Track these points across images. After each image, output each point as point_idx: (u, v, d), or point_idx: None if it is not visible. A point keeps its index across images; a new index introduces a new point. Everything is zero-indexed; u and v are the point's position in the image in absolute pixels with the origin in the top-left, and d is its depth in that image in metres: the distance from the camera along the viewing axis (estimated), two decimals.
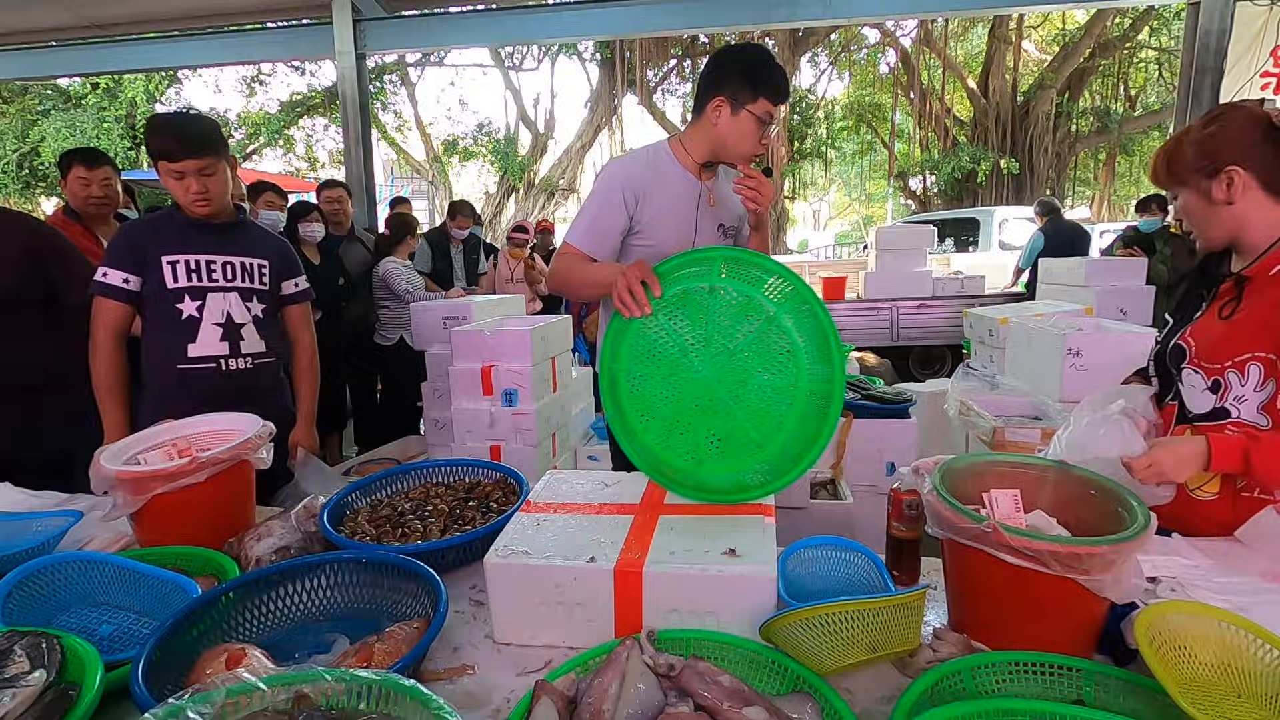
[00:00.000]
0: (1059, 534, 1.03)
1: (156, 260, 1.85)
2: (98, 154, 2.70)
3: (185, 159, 1.80)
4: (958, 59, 16.75)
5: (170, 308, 1.86)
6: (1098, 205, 18.18)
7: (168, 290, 1.85)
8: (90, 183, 2.62)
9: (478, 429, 3.23)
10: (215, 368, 1.91)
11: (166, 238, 1.87)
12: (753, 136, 1.62)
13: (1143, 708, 0.83)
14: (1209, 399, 1.22)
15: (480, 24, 6.48)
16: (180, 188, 1.83)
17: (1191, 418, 1.25)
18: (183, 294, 1.87)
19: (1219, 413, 1.21)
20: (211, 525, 1.36)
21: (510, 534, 1.15)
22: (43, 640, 0.87)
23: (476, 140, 19.61)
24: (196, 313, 1.88)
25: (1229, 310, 1.22)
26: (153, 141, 1.82)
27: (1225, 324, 1.22)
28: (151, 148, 1.83)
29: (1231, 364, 1.19)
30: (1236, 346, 1.19)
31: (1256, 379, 1.16)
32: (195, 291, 1.88)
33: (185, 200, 1.85)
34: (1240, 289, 1.21)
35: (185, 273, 1.87)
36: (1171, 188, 1.28)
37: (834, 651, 0.89)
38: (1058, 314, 3.40)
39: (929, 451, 2.22)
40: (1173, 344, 1.30)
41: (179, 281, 1.86)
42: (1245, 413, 1.18)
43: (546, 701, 0.82)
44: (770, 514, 1.18)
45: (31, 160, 16.06)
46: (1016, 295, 6.34)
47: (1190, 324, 1.29)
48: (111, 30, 6.89)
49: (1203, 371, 1.23)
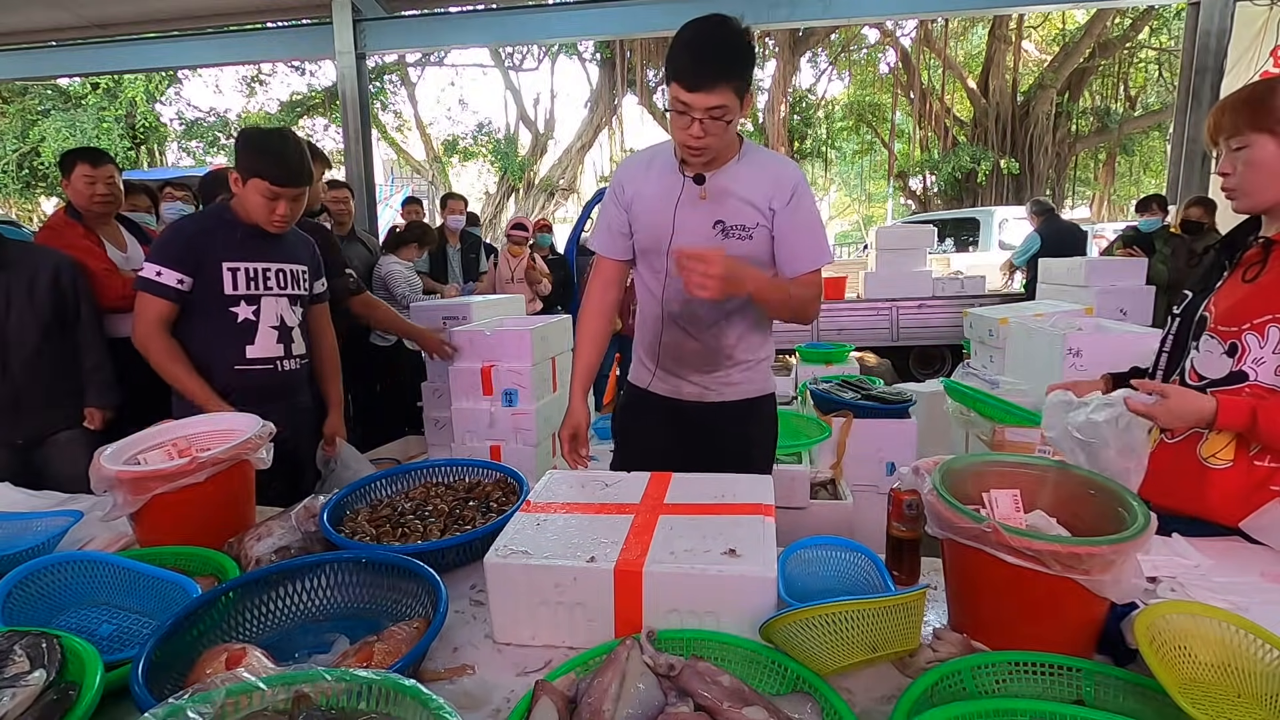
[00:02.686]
0: (1059, 534, 1.02)
1: (216, 266, 1.88)
2: (101, 153, 2.71)
3: (286, 187, 1.87)
4: (958, 59, 16.75)
5: (225, 311, 1.90)
6: (1098, 205, 18.19)
7: (224, 295, 1.89)
8: (95, 180, 2.61)
9: (478, 429, 3.23)
10: (271, 369, 1.99)
11: (228, 244, 1.90)
12: (678, 126, 1.45)
13: (1143, 708, 0.83)
14: (1226, 363, 1.20)
15: (480, 24, 6.49)
16: (266, 208, 1.87)
17: (1207, 383, 1.23)
18: (239, 299, 1.91)
19: (1236, 376, 1.19)
20: (211, 525, 1.36)
21: (510, 534, 1.14)
22: (43, 640, 0.87)
23: (476, 140, 19.61)
24: (253, 316, 1.94)
25: (1254, 274, 1.21)
26: (258, 161, 1.83)
27: (1248, 287, 1.21)
28: (251, 165, 1.84)
29: (1250, 326, 1.17)
30: (1258, 309, 1.17)
31: (1276, 340, 1.15)
32: (250, 298, 1.93)
33: (265, 218, 1.89)
34: (1267, 254, 1.20)
35: (245, 280, 1.92)
36: (1242, 134, 1.19)
37: (834, 651, 0.89)
38: (1058, 314, 3.40)
39: (929, 451, 2.22)
40: (1198, 315, 1.28)
41: (237, 289, 1.91)
42: (1263, 375, 1.17)
43: (546, 701, 0.82)
44: (770, 514, 1.18)
45: (31, 160, 16.07)
46: (1015, 295, 6.34)
47: (1212, 294, 1.27)
48: (111, 30, 6.89)
49: (1219, 336, 1.22)
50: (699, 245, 1.53)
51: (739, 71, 1.41)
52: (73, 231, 2.58)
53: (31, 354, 2.19)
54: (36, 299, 2.19)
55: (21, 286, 2.18)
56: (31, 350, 2.19)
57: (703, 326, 1.67)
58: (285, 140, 1.89)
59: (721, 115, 1.40)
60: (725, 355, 1.69)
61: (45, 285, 2.22)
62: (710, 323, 1.66)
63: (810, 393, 2.89)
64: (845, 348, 3.85)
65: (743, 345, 1.69)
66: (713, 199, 1.56)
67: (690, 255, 1.33)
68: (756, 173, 1.56)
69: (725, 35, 1.40)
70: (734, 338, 1.68)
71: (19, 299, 2.17)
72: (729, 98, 1.39)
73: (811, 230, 1.60)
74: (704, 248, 1.38)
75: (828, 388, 2.84)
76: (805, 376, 3.37)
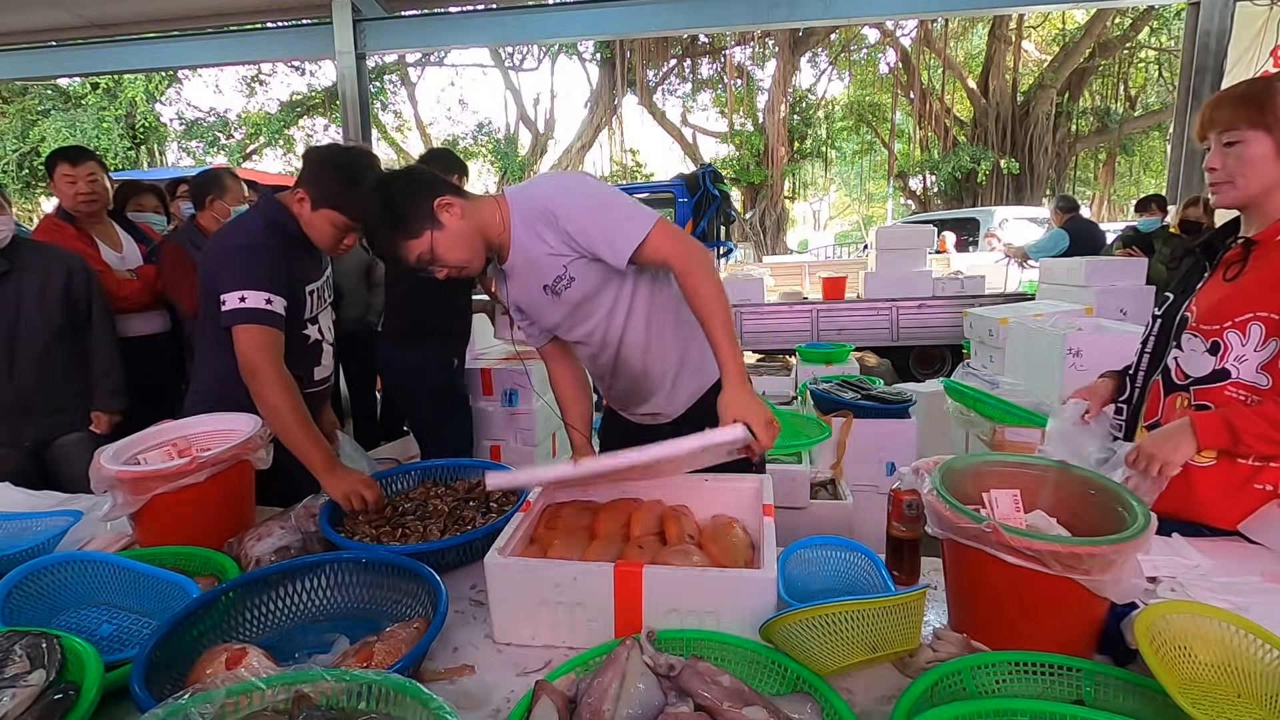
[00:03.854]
0: (1059, 534, 1.02)
1: (301, 288, 1.72)
2: (82, 150, 2.67)
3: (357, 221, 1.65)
4: (958, 59, 16.76)
5: (300, 334, 1.75)
6: (1098, 205, 18.19)
7: (304, 319, 1.75)
8: (76, 179, 2.57)
9: (478, 429, 3.23)
10: (327, 386, 1.91)
11: (305, 265, 1.74)
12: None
13: (1143, 708, 0.83)
14: (1209, 361, 1.22)
15: (480, 24, 6.49)
16: (335, 238, 1.69)
17: (1190, 382, 1.25)
18: (307, 321, 1.77)
19: (1219, 374, 1.21)
20: (211, 525, 1.36)
21: (510, 534, 1.15)
22: (43, 640, 0.87)
23: (476, 140, 19.63)
24: (318, 335, 1.82)
25: (1234, 273, 1.22)
26: (342, 196, 1.62)
27: (1229, 285, 1.22)
28: (330, 196, 1.63)
29: (1232, 324, 1.19)
30: (1238, 307, 1.19)
31: (1258, 338, 1.16)
32: (313, 318, 1.80)
33: (330, 246, 1.72)
34: (1248, 253, 1.21)
35: (316, 300, 1.79)
36: (1238, 129, 1.19)
37: (834, 651, 0.89)
38: (1058, 314, 3.40)
39: (929, 451, 2.22)
40: (1179, 315, 1.29)
41: (311, 310, 1.77)
42: (1245, 373, 1.18)
43: (546, 701, 0.82)
44: (770, 514, 1.18)
45: (31, 160, 16.08)
46: (1018, 295, 6.33)
47: (1194, 295, 1.29)
48: (111, 30, 6.89)
49: (1201, 335, 1.23)
50: (553, 315, 1.49)
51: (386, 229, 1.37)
52: (65, 233, 2.57)
53: (41, 355, 2.18)
54: (48, 300, 2.18)
55: (34, 288, 2.16)
56: (41, 351, 2.17)
57: (618, 379, 1.58)
58: (369, 174, 1.61)
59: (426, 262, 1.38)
60: (650, 383, 1.57)
61: (58, 287, 2.20)
62: (621, 374, 1.57)
63: (810, 393, 2.89)
64: (845, 348, 3.85)
65: (656, 364, 1.55)
66: (523, 278, 1.47)
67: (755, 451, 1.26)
68: (526, 232, 1.41)
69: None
70: (640, 366, 1.55)
71: (30, 300, 2.15)
72: (417, 247, 1.36)
73: (600, 226, 1.36)
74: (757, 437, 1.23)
75: (828, 388, 2.84)
76: (805, 376, 3.37)
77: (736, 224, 10.21)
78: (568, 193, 1.39)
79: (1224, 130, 1.21)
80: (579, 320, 1.49)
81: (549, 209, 1.37)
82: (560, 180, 1.45)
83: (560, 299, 1.44)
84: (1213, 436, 1.15)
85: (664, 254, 1.35)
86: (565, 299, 1.44)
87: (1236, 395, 1.19)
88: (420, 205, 1.34)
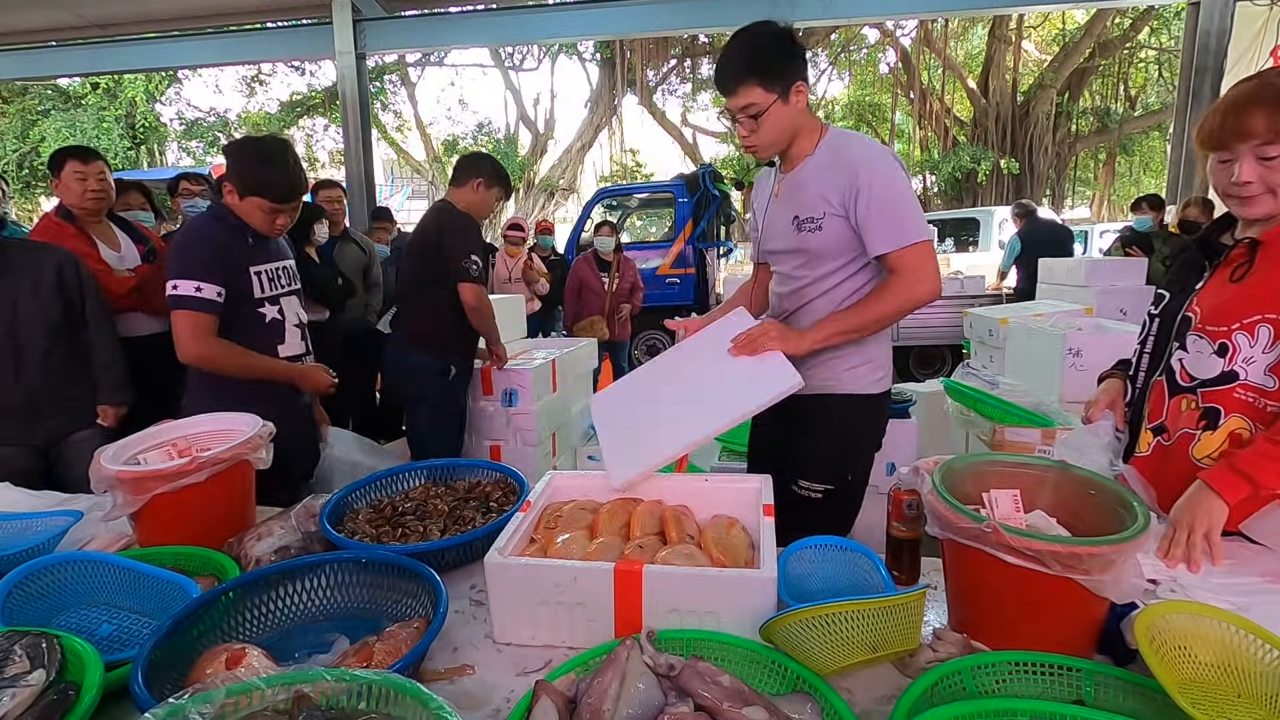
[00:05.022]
0: (1059, 534, 1.02)
1: (244, 271, 1.90)
2: (91, 150, 2.69)
3: (288, 203, 1.91)
4: (958, 59, 16.76)
5: (255, 313, 1.93)
6: (1098, 205, 18.20)
7: (254, 299, 1.92)
8: (87, 177, 2.58)
9: (478, 429, 3.23)
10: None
11: (252, 250, 1.92)
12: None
13: (1143, 708, 0.83)
14: (1216, 363, 1.21)
15: (480, 24, 6.49)
16: (267, 220, 1.90)
17: (1197, 384, 1.24)
18: (263, 301, 1.94)
19: (1227, 376, 1.19)
20: (211, 525, 1.36)
21: (510, 534, 1.15)
22: (43, 640, 0.87)
23: (476, 140, 19.64)
24: (279, 315, 1.98)
25: (1240, 274, 1.21)
26: (256, 182, 1.85)
27: (1235, 286, 1.21)
28: (248, 184, 1.85)
29: (1240, 326, 1.18)
30: (1246, 309, 1.18)
31: (1266, 340, 1.15)
32: (272, 299, 1.97)
33: (266, 229, 1.92)
34: (1253, 253, 1.20)
35: (267, 282, 1.95)
36: (1253, 138, 1.11)
37: (834, 651, 0.89)
38: (1058, 314, 3.41)
39: (929, 451, 2.22)
40: (1181, 315, 1.28)
41: (264, 291, 1.94)
42: (1253, 374, 1.17)
43: (546, 701, 0.82)
44: (770, 514, 1.18)
45: (31, 160, 16.09)
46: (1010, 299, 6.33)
47: (1194, 294, 1.28)
48: (111, 30, 6.90)
49: (1208, 336, 1.22)
50: (780, 241, 1.64)
51: (759, 70, 1.47)
52: (65, 232, 2.57)
53: (42, 355, 2.17)
54: (42, 299, 2.17)
55: (26, 288, 2.15)
56: (42, 351, 2.17)
57: (782, 319, 1.68)
58: (282, 156, 1.89)
59: (755, 112, 1.49)
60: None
61: (50, 284, 2.19)
62: (788, 312, 1.69)
63: None
64: None
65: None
66: (788, 195, 1.61)
67: (740, 344, 1.47)
68: (828, 164, 1.53)
69: (743, 39, 1.51)
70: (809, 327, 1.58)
71: (25, 300, 2.14)
72: (756, 95, 1.47)
73: (885, 213, 1.47)
74: (749, 329, 1.50)
75: None
76: None
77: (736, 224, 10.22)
78: (882, 163, 1.49)
79: (1265, 143, 1.10)
80: (797, 261, 1.61)
81: (855, 164, 1.49)
82: (881, 152, 1.54)
83: (798, 235, 1.57)
84: (1234, 490, 1.11)
85: (906, 265, 1.46)
86: (801, 239, 1.56)
87: (1245, 398, 1.18)
88: (790, 75, 1.47)
